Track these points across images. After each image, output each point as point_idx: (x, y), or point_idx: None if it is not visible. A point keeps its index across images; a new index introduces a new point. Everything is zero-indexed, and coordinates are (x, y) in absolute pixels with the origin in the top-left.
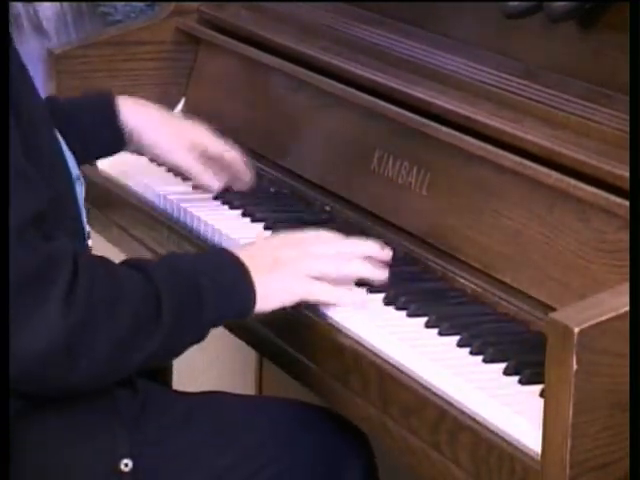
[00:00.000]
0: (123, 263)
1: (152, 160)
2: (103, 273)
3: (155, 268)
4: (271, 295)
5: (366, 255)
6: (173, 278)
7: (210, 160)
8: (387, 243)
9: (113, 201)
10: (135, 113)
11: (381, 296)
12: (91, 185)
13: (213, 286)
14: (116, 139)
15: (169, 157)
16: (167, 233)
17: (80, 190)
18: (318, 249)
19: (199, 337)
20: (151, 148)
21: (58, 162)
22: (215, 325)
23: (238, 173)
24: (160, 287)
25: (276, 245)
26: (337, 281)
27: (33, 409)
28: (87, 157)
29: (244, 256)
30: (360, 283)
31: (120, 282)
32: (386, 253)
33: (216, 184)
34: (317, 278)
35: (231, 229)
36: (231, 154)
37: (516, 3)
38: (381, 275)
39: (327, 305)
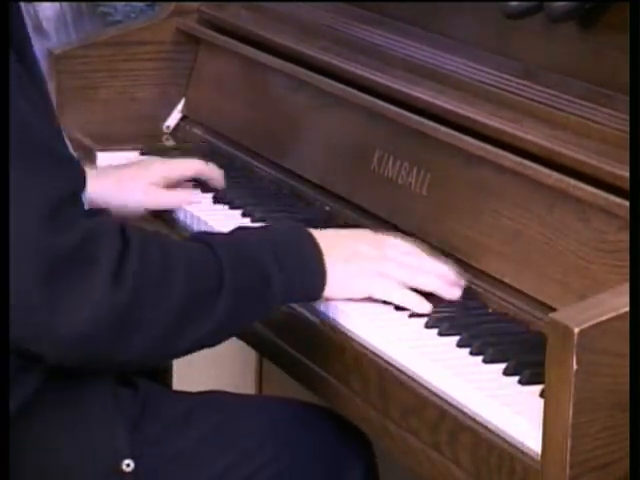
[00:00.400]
0: (189, 238)
1: None
2: (155, 247)
3: (221, 242)
4: (342, 285)
5: (439, 274)
6: (239, 254)
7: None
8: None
9: None
10: (92, 187)
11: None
12: None
13: (282, 267)
14: None
15: (142, 208)
16: (167, 232)
17: None
18: (397, 255)
19: (263, 316)
20: (123, 210)
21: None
22: (282, 305)
23: (211, 181)
24: (223, 261)
25: (357, 238)
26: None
27: (34, 409)
28: None
29: (323, 241)
30: None
31: (175, 255)
32: (458, 284)
33: (192, 197)
34: (386, 278)
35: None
36: (197, 166)
37: (516, 3)
38: (453, 293)
39: (328, 306)
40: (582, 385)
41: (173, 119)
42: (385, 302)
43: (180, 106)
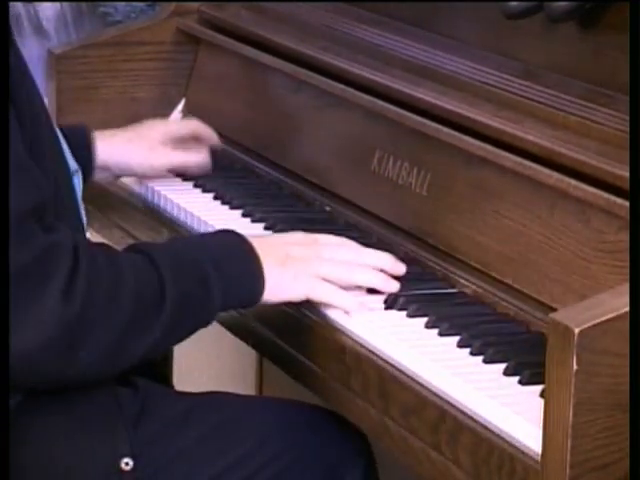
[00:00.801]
0: (128, 248)
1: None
2: (104, 263)
3: (160, 252)
4: (280, 288)
5: (378, 267)
6: (179, 264)
7: (181, 142)
8: (387, 244)
9: (112, 201)
10: (102, 146)
11: (381, 297)
12: (90, 183)
13: (221, 272)
14: (85, 171)
15: (149, 166)
16: (167, 233)
17: (78, 182)
18: (331, 253)
19: (204, 324)
20: (131, 170)
21: (57, 155)
22: (221, 311)
23: (206, 139)
24: (164, 274)
25: (291, 241)
26: (346, 288)
27: (34, 408)
28: None
29: (257, 245)
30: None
31: (121, 271)
32: (399, 267)
33: (204, 157)
34: (324, 280)
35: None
36: (193, 123)
37: (516, 3)
38: (392, 287)
39: (328, 306)
40: (582, 385)
41: (173, 119)
42: (385, 303)
43: (180, 106)
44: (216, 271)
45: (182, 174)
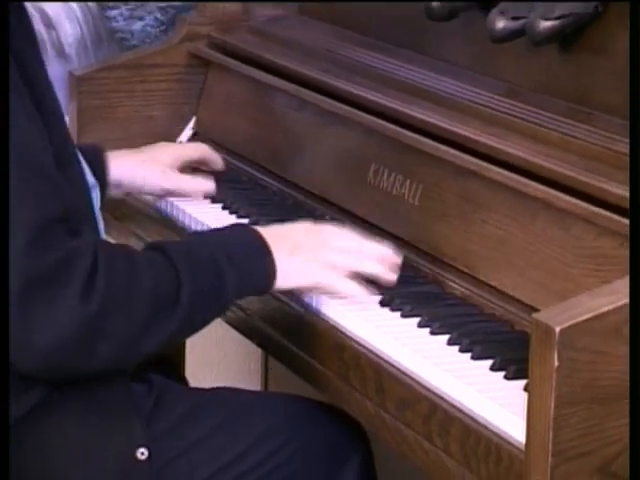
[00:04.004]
0: (146, 247)
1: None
2: (122, 262)
3: (175, 248)
4: (290, 276)
5: (380, 257)
6: (193, 257)
7: (188, 166)
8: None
9: (129, 210)
10: (117, 165)
11: (378, 298)
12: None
13: (234, 264)
14: (101, 186)
15: (158, 187)
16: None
17: (96, 196)
18: (337, 242)
19: (219, 314)
20: (142, 188)
21: (77, 170)
22: (236, 299)
23: (213, 163)
24: (179, 267)
25: (299, 231)
26: (349, 275)
27: (56, 403)
28: None
29: (268, 236)
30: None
31: (139, 268)
32: (397, 258)
33: (211, 185)
34: (332, 268)
35: None
36: (202, 148)
37: (501, 28)
38: (392, 277)
39: (329, 307)
40: (563, 380)
41: (185, 135)
42: (381, 304)
43: (192, 123)
44: (229, 263)
45: None
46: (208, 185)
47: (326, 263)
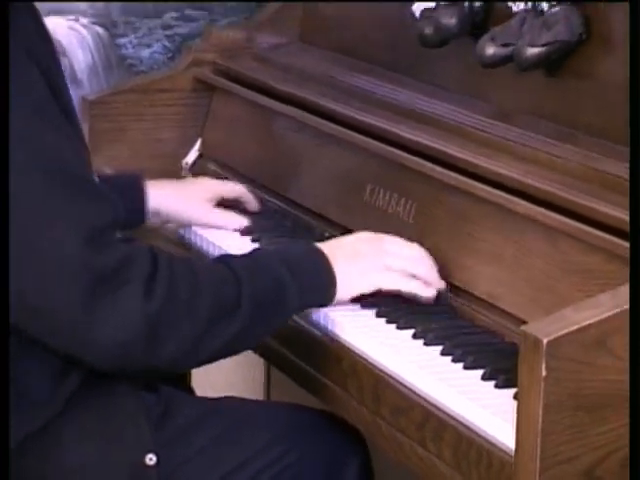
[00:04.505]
0: (211, 261)
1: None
2: (182, 266)
3: (237, 259)
4: (352, 283)
5: (429, 269)
6: (254, 267)
7: (223, 203)
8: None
9: (146, 232)
10: (157, 195)
11: (374, 311)
12: None
13: (295, 275)
14: (137, 216)
15: (192, 220)
16: (186, 254)
17: None
18: (392, 248)
19: (281, 324)
20: (178, 219)
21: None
22: (299, 311)
23: (248, 204)
24: (240, 276)
25: (355, 240)
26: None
27: (70, 411)
28: None
29: (326, 247)
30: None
31: (200, 274)
32: (440, 282)
33: (243, 221)
34: (389, 270)
35: None
36: (238, 189)
37: (490, 54)
38: (430, 293)
39: (328, 319)
40: (550, 389)
41: (191, 156)
42: (377, 316)
43: (197, 145)
44: (290, 274)
45: None
46: (240, 221)
47: (383, 267)
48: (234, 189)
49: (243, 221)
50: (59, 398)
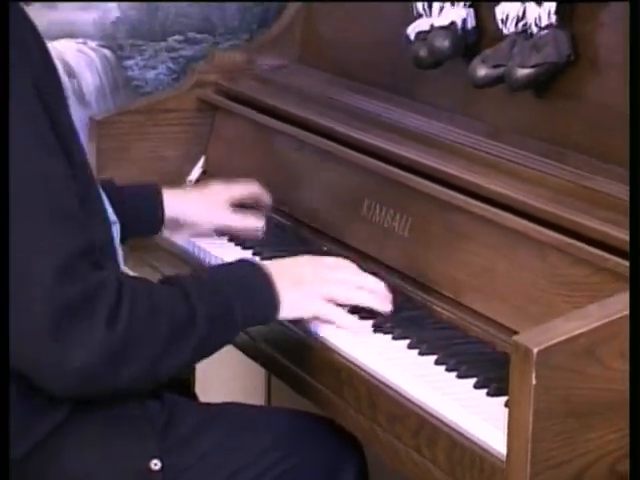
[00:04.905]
0: (163, 280)
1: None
2: (143, 295)
3: (190, 284)
4: (292, 307)
5: (374, 290)
6: (206, 291)
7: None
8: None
9: (147, 244)
10: (172, 204)
11: (370, 322)
12: None
13: (242, 299)
14: (155, 224)
15: (212, 224)
16: (188, 269)
17: (116, 231)
18: (335, 275)
19: (231, 339)
20: (194, 225)
21: (101, 206)
22: (244, 328)
23: (261, 197)
24: (195, 303)
25: (301, 264)
26: (344, 305)
27: (75, 419)
28: (125, 235)
29: (272, 269)
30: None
31: (158, 301)
32: (389, 292)
33: (261, 223)
34: (329, 300)
35: None
36: (249, 187)
37: (482, 75)
38: (386, 307)
39: (326, 330)
40: (540, 397)
41: (195, 173)
42: (374, 327)
43: (201, 163)
44: (238, 296)
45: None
46: (258, 223)
47: (326, 296)
48: (246, 188)
49: (261, 221)
50: (63, 406)
